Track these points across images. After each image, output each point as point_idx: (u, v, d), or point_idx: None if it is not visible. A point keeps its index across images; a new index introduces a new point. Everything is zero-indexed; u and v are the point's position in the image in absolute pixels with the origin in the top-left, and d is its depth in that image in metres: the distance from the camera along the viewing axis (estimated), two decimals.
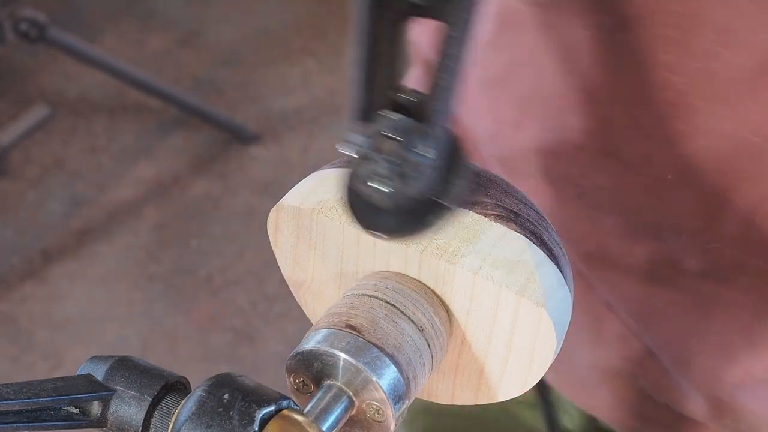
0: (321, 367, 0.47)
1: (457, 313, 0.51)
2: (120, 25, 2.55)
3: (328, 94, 2.39)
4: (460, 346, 0.52)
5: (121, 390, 0.47)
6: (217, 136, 2.27)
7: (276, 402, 0.44)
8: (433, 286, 0.50)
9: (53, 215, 2.13)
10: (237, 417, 0.43)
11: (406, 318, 0.49)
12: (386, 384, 0.47)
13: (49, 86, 2.38)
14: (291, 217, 0.53)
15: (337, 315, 0.49)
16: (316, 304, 0.56)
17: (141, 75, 2.23)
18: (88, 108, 2.34)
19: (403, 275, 0.51)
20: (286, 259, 0.55)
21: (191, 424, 0.43)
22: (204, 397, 0.44)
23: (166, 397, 0.47)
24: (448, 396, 0.54)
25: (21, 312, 1.97)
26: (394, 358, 0.47)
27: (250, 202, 2.15)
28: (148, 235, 2.09)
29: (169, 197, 2.15)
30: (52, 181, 2.19)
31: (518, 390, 0.52)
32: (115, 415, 0.46)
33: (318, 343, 0.48)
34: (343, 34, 2.47)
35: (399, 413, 0.48)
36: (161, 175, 2.18)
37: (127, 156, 2.24)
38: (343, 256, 0.52)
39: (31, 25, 2.07)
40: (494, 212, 0.49)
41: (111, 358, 0.48)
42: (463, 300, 0.50)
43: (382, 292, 0.50)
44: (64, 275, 2.02)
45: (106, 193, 2.17)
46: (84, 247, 2.07)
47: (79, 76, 2.37)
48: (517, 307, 0.48)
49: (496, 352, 0.51)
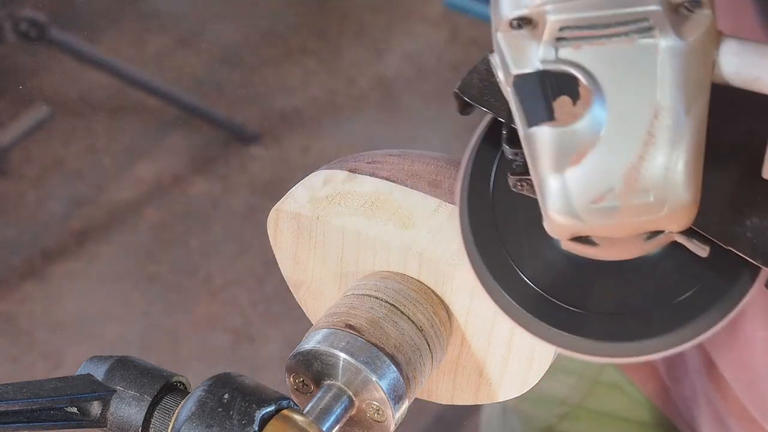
0: (321, 367, 0.47)
1: (457, 313, 0.51)
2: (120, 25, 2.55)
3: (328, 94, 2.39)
4: (460, 346, 0.52)
5: (121, 390, 0.47)
6: (217, 136, 2.27)
7: (276, 402, 0.44)
8: (433, 286, 0.50)
9: (53, 215, 2.13)
10: (237, 417, 0.43)
11: (406, 318, 0.49)
12: (386, 384, 0.47)
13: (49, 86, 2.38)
14: (291, 217, 0.53)
15: (337, 315, 0.49)
16: (316, 304, 0.56)
17: (141, 75, 2.23)
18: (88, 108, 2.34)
19: (403, 275, 0.51)
20: (286, 259, 0.55)
21: (191, 423, 0.43)
22: (204, 396, 0.44)
23: (166, 397, 0.47)
24: (448, 396, 0.54)
25: (21, 312, 1.97)
26: (394, 358, 0.47)
27: (250, 202, 2.15)
28: (148, 235, 2.09)
29: (169, 197, 2.15)
30: (52, 181, 2.19)
31: (518, 390, 0.52)
32: (115, 415, 0.46)
33: (318, 343, 0.48)
34: (343, 34, 2.47)
35: (399, 413, 0.48)
36: (161, 175, 2.18)
37: (127, 156, 2.24)
38: (343, 256, 0.52)
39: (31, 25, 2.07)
40: None
41: (111, 358, 0.48)
42: (463, 300, 0.50)
43: (382, 292, 0.50)
44: (64, 275, 2.02)
45: (106, 193, 2.17)
46: (84, 247, 2.07)
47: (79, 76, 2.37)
48: None
49: (496, 352, 0.51)
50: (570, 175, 0.37)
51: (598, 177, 0.37)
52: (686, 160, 0.37)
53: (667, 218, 0.38)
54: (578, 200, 0.37)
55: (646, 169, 0.37)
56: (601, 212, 0.37)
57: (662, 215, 0.37)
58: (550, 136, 0.37)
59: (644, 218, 0.37)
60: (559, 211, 0.37)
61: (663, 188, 0.37)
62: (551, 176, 0.37)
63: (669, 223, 0.38)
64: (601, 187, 0.37)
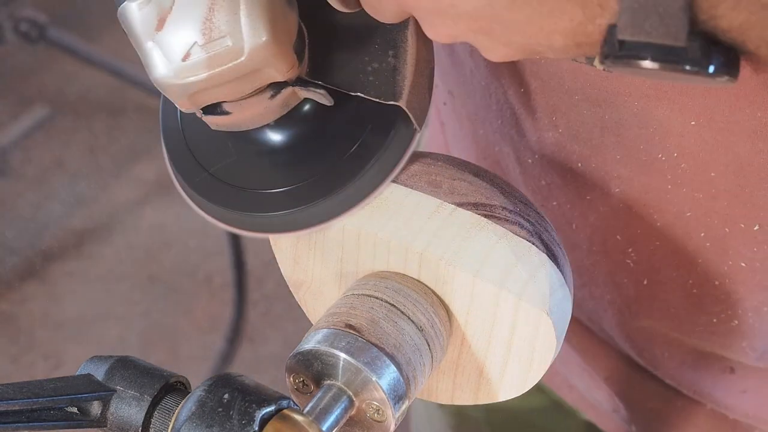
0: (321, 367, 0.47)
1: (457, 313, 0.51)
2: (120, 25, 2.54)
3: None
4: (460, 346, 0.52)
5: (121, 390, 0.47)
6: None
7: (276, 402, 0.44)
8: (433, 286, 0.50)
9: (53, 215, 2.13)
10: (237, 417, 0.43)
11: (406, 318, 0.49)
12: (386, 384, 0.47)
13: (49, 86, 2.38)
14: None
15: (337, 315, 0.49)
16: (316, 304, 0.56)
17: (141, 75, 2.23)
18: (88, 108, 2.34)
19: (403, 275, 0.51)
20: (286, 259, 0.55)
21: (191, 423, 0.43)
22: (204, 397, 0.44)
23: (166, 397, 0.47)
24: (448, 396, 0.54)
25: (21, 312, 1.97)
26: (394, 358, 0.47)
27: None
28: (148, 235, 2.09)
29: (169, 197, 2.15)
30: (52, 181, 2.19)
31: (518, 390, 0.52)
32: (115, 415, 0.46)
33: (318, 343, 0.48)
34: None
35: (399, 413, 0.48)
36: (161, 175, 2.18)
37: (127, 156, 2.24)
38: (343, 256, 0.52)
39: (31, 25, 2.07)
40: (494, 213, 0.49)
41: (111, 358, 0.48)
42: (463, 300, 0.50)
43: (382, 292, 0.50)
44: (64, 275, 2.02)
45: (106, 193, 2.17)
46: (84, 247, 2.07)
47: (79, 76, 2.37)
48: (516, 307, 0.48)
49: (496, 352, 0.51)
50: (159, 40, 0.42)
51: (180, 35, 0.42)
52: (254, 5, 0.42)
53: (259, 63, 0.43)
54: (171, 60, 0.42)
55: (216, 18, 0.42)
56: (193, 66, 0.42)
57: (246, 59, 0.42)
58: (134, 8, 0.43)
59: (232, 65, 0.42)
60: (159, 75, 0.43)
61: (235, 31, 0.42)
62: (145, 45, 0.43)
63: (266, 68, 0.43)
64: (185, 44, 0.42)
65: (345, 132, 0.49)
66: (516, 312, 0.48)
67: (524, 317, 0.48)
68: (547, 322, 0.48)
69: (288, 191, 0.49)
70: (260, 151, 0.50)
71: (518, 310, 0.48)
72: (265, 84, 0.45)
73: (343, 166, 0.48)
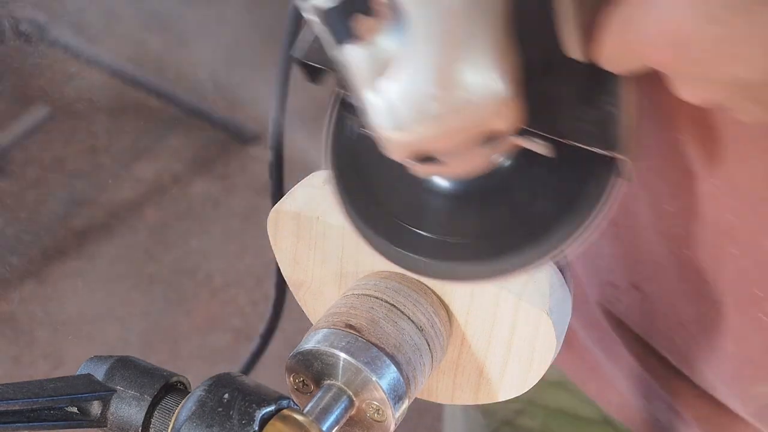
0: (321, 366, 0.47)
1: (457, 313, 0.51)
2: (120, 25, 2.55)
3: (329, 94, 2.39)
4: (460, 346, 0.52)
5: (121, 390, 0.47)
6: (217, 136, 2.27)
7: (276, 402, 0.44)
8: (432, 286, 0.50)
9: (53, 215, 2.13)
10: (237, 417, 0.43)
11: (406, 318, 0.49)
12: (386, 384, 0.47)
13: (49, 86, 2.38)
14: (291, 217, 0.53)
15: (337, 315, 0.49)
16: (316, 304, 0.56)
17: (141, 75, 2.23)
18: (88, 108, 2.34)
19: (403, 275, 0.51)
20: (286, 259, 0.55)
21: (191, 423, 0.43)
22: (204, 396, 0.44)
23: (166, 397, 0.47)
24: (448, 396, 0.54)
25: (21, 312, 1.97)
26: (394, 358, 0.47)
27: (250, 202, 2.15)
28: (148, 235, 2.09)
29: (169, 197, 2.15)
30: (52, 181, 2.19)
31: (518, 390, 0.52)
32: (115, 415, 0.46)
33: (318, 342, 0.48)
34: None
35: (399, 413, 0.48)
36: (161, 175, 2.18)
37: (127, 156, 2.24)
38: (343, 256, 0.52)
39: (31, 25, 2.07)
40: None
41: (111, 358, 0.48)
42: (463, 300, 0.50)
43: (382, 292, 0.50)
44: (64, 275, 2.02)
45: (106, 193, 2.17)
46: (84, 247, 2.07)
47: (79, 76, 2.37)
48: (516, 307, 0.48)
49: (496, 352, 0.51)
50: (387, 89, 0.38)
51: (413, 85, 0.38)
52: (492, 55, 0.37)
53: (491, 115, 0.38)
54: (401, 111, 0.38)
55: (455, 69, 0.37)
56: (426, 119, 0.38)
57: (482, 112, 0.38)
58: (357, 53, 0.38)
59: (468, 118, 0.38)
60: (385, 126, 0.39)
61: (476, 84, 0.37)
62: (369, 93, 0.38)
63: (495, 120, 0.39)
64: (418, 95, 0.38)
65: (541, 180, 0.45)
66: (516, 312, 0.48)
67: (524, 317, 0.48)
68: (547, 322, 0.48)
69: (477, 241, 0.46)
70: (447, 195, 0.46)
71: (518, 310, 0.48)
72: (489, 134, 0.40)
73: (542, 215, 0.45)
